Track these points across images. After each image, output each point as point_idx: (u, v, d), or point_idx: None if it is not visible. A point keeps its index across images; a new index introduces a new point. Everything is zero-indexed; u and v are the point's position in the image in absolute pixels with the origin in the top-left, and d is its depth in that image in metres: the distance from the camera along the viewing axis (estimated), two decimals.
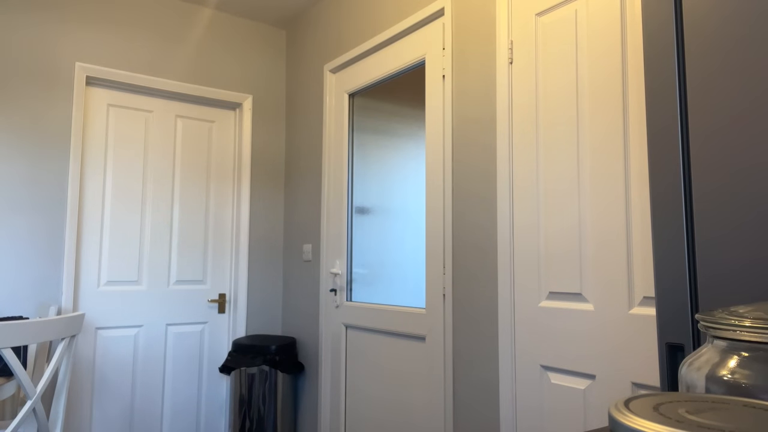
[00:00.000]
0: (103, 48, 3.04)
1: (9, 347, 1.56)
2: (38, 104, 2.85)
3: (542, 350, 1.79)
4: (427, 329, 2.28)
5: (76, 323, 1.80)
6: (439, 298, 2.22)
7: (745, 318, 0.42)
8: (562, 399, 1.73)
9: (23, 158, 2.80)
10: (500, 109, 1.98)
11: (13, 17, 2.81)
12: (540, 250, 1.82)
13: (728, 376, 0.41)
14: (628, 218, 1.57)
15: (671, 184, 0.92)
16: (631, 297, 1.55)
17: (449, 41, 2.26)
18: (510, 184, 1.93)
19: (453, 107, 2.22)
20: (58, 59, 2.91)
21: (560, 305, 1.75)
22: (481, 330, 2.02)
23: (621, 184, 1.59)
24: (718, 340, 0.44)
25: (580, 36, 1.74)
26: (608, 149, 1.64)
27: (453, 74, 2.23)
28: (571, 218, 1.73)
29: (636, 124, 1.57)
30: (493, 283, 1.98)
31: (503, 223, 1.94)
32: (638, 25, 1.58)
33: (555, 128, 1.80)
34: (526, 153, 1.89)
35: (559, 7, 1.82)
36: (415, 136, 3.32)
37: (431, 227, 2.29)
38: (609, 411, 0.31)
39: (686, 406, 0.31)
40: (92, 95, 3.03)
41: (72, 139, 2.91)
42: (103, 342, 2.94)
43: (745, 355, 0.42)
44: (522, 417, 1.85)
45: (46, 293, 2.80)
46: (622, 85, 1.61)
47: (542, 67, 1.86)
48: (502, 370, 1.91)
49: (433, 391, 2.22)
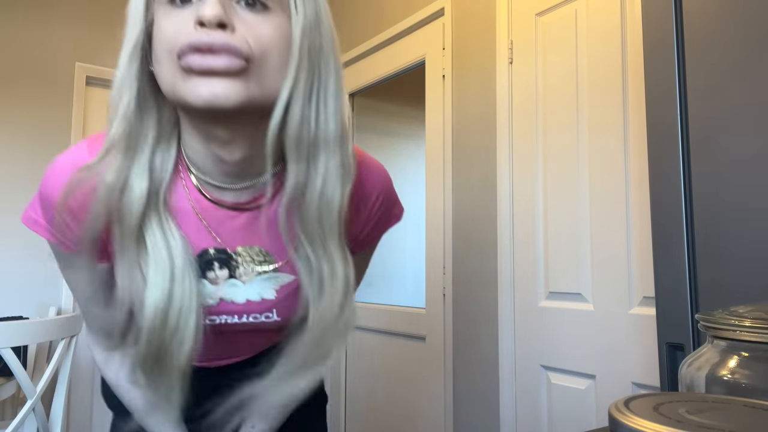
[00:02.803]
0: (103, 48, 3.04)
1: (9, 347, 1.56)
2: (38, 104, 2.85)
3: (542, 350, 1.79)
4: (427, 329, 2.28)
5: (76, 323, 1.80)
6: (439, 298, 2.22)
7: (745, 318, 0.42)
8: (562, 399, 1.72)
9: (23, 158, 2.80)
10: (500, 109, 1.98)
11: (14, 17, 2.81)
12: (540, 250, 1.82)
13: (728, 376, 0.41)
14: (628, 218, 1.57)
15: (671, 184, 0.92)
16: (631, 297, 1.55)
17: (449, 41, 2.26)
18: (510, 184, 1.93)
19: (453, 107, 2.22)
20: (58, 59, 2.91)
21: (560, 305, 1.75)
22: (481, 330, 2.02)
23: (621, 183, 1.59)
24: (718, 340, 0.44)
25: (580, 36, 1.74)
26: (608, 149, 1.64)
27: (453, 74, 2.23)
28: (571, 218, 1.73)
29: (636, 124, 1.57)
30: (493, 283, 1.98)
31: (503, 222, 1.94)
32: (638, 25, 1.58)
33: (555, 128, 1.80)
34: (527, 153, 1.89)
35: (559, 7, 1.82)
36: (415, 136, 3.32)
37: (431, 227, 2.29)
38: (609, 411, 0.31)
39: (686, 406, 0.31)
40: (92, 95, 3.03)
41: (72, 139, 2.91)
42: None
43: (745, 355, 0.42)
44: (522, 417, 1.85)
45: (46, 293, 2.80)
46: (622, 85, 1.61)
47: (542, 67, 1.86)
48: (502, 370, 1.91)
49: (433, 391, 2.22)
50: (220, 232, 0.70)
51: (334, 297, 0.68)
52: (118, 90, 0.61)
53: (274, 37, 0.59)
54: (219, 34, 0.56)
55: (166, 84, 0.59)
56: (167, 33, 0.58)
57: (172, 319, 0.64)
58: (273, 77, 0.60)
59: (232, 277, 0.72)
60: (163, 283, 0.64)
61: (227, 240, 0.71)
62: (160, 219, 0.65)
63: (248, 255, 0.72)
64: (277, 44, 0.59)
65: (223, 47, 0.56)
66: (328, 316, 0.68)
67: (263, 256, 0.73)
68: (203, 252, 0.70)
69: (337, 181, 0.65)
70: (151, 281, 0.64)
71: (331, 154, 0.64)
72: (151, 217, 0.64)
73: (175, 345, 0.65)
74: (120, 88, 0.61)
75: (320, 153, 0.63)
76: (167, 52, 0.58)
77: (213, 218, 0.70)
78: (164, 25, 0.58)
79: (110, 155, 0.62)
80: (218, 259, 0.71)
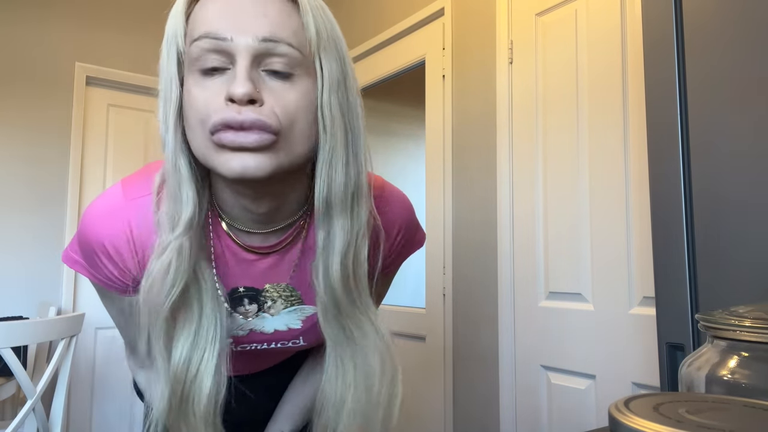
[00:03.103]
0: (103, 48, 3.04)
1: (9, 347, 1.56)
2: (38, 104, 2.85)
3: (542, 350, 1.79)
4: (427, 329, 2.28)
5: (76, 323, 1.80)
6: (439, 298, 2.22)
7: (745, 318, 0.42)
8: (562, 399, 1.72)
9: (23, 158, 2.80)
10: (500, 109, 1.98)
11: (13, 17, 2.81)
12: (540, 250, 1.82)
13: (728, 376, 0.41)
14: (628, 218, 1.57)
15: (671, 184, 0.92)
16: (631, 297, 1.55)
17: (449, 41, 2.25)
18: (510, 184, 1.93)
19: (453, 107, 2.22)
20: (58, 59, 2.91)
21: (560, 305, 1.75)
22: (481, 330, 2.02)
23: (621, 183, 1.59)
24: (718, 340, 0.44)
25: (580, 36, 1.74)
26: (608, 149, 1.64)
27: (453, 74, 2.23)
28: (571, 218, 1.73)
29: (636, 124, 1.57)
30: (493, 283, 1.98)
31: (503, 222, 1.94)
32: (638, 25, 1.58)
33: (555, 128, 1.80)
34: (526, 153, 1.89)
35: (559, 7, 1.82)
36: (415, 136, 3.32)
37: (431, 227, 2.29)
38: (609, 411, 0.31)
39: (686, 406, 0.31)
40: (92, 95, 3.03)
41: (72, 139, 2.91)
42: (103, 342, 2.94)
43: (745, 355, 0.42)
44: (522, 417, 1.85)
45: (46, 293, 2.80)
46: (622, 85, 1.61)
47: (542, 67, 1.86)
48: (502, 370, 1.91)
49: (433, 391, 2.22)
50: (249, 272, 0.73)
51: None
52: (172, 162, 0.62)
53: (300, 105, 0.60)
54: (249, 110, 0.57)
55: (197, 149, 0.61)
56: (198, 103, 0.59)
57: (191, 374, 0.67)
58: (301, 142, 0.62)
59: (260, 310, 0.76)
60: (186, 341, 0.67)
61: (256, 279, 0.74)
62: (192, 263, 0.66)
63: (275, 291, 0.76)
64: (304, 111, 0.61)
65: (253, 124, 0.57)
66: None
67: (290, 291, 0.76)
68: (233, 290, 0.74)
69: (364, 239, 0.68)
70: (176, 337, 0.67)
71: (360, 209, 0.67)
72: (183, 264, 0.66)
73: (195, 399, 0.67)
74: (174, 160, 0.63)
75: (349, 207, 0.66)
76: (199, 122, 0.59)
77: (243, 260, 0.72)
78: (195, 93, 0.60)
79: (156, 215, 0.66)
80: (247, 295, 0.75)
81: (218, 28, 0.59)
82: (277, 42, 0.59)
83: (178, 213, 0.63)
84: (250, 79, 0.58)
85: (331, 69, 0.62)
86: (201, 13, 0.60)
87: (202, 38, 0.59)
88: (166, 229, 0.64)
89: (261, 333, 0.77)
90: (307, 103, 0.61)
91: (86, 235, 0.70)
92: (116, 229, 0.68)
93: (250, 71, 0.58)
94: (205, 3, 0.61)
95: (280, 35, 0.59)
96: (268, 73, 0.60)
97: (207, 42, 0.59)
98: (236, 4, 0.59)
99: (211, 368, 0.67)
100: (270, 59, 0.59)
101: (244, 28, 0.58)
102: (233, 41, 0.58)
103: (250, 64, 0.58)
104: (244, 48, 0.58)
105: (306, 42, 0.61)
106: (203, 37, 0.59)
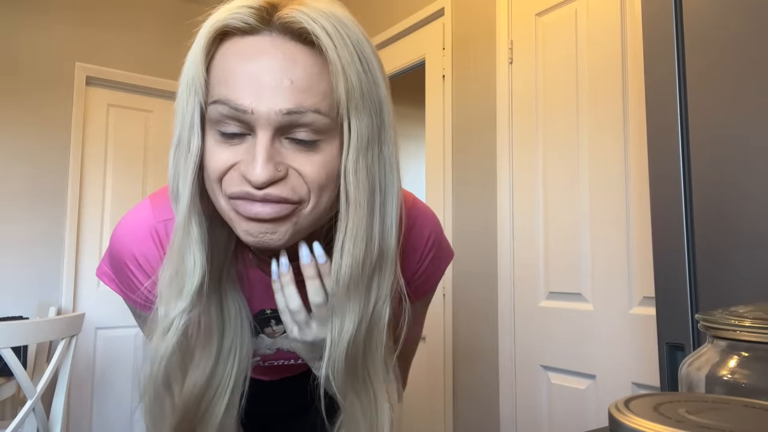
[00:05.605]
0: (103, 48, 3.04)
1: (9, 347, 1.56)
2: (38, 104, 2.85)
3: (542, 350, 1.79)
4: (427, 329, 2.28)
5: (76, 323, 1.80)
6: (439, 298, 2.22)
7: (745, 318, 0.42)
8: (562, 399, 1.72)
9: (23, 158, 2.80)
10: (500, 109, 1.98)
11: (14, 17, 2.81)
12: (540, 250, 1.82)
13: (728, 376, 0.41)
14: (628, 218, 1.57)
15: (671, 184, 0.92)
16: (631, 297, 1.55)
17: (449, 41, 2.25)
18: (510, 184, 1.93)
19: (453, 107, 2.22)
20: (58, 59, 2.91)
21: (560, 305, 1.75)
22: (481, 330, 2.02)
23: (621, 183, 1.59)
24: (718, 340, 0.44)
25: (580, 36, 1.74)
26: (608, 149, 1.64)
27: (453, 74, 2.23)
28: (571, 218, 1.73)
29: (636, 124, 1.57)
30: (493, 283, 1.98)
31: (503, 222, 1.94)
32: (638, 25, 1.58)
33: (555, 128, 1.80)
34: (526, 153, 1.89)
35: (559, 7, 1.82)
36: (415, 136, 3.31)
37: None
38: (609, 411, 0.31)
39: (686, 406, 0.31)
40: (92, 95, 3.03)
41: (72, 139, 2.91)
42: (103, 342, 2.94)
43: (745, 355, 0.42)
44: (522, 417, 1.85)
45: (46, 293, 2.80)
46: (622, 85, 1.61)
47: (542, 67, 1.86)
48: (502, 370, 1.91)
49: (433, 391, 2.22)
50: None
51: None
52: (184, 219, 0.58)
53: (322, 175, 0.56)
54: (269, 188, 0.54)
55: (216, 202, 0.58)
56: (217, 166, 0.56)
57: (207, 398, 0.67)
58: (324, 208, 0.58)
59: None
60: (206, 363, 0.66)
61: None
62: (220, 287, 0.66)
63: None
64: (326, 179, 0.56)
65: (272, 199, 0.55)
66: None
67: None
68: (260, 312, 0.74)
69: (385, 304, 0.63)
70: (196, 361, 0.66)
71: (383, 279, 0.62)
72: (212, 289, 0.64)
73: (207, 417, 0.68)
74: (187, 217, 0.58)
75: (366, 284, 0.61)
76: (216, 183, 0.57)
77: (268, 286, 0.70)
78: (215, 153, 0.56)
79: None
80: (274, 317, 0.75)
81: (238, 96, 0.53)
82: (303, 113, 0.53)
83: (182, 283, 0.59)
84: (271, 158, 0.53)
85: (361, 127, 0.56)
86: (221, 68, 0.55)
87: (221, 103, 0.54)
88: (168, 299, 0.60)
89: (288, 351, 0.78)
90: (330, 172, 0.56)
91: (117, 248, 0.70)
92: (146, 240, 0.68)
93: (271, 145, 0.54)
94: (228, 54, 0.55)
95: (306, 104, 0.54)
96: (291, 141, 0.55)
97: (226, 109, 0.54)
98: (261, 64, 0.54)
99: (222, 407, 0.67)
100: (294, 130, 0.54)
101: (266, 99, 0.53)
102: (254, 114, 0.53)
103: (271, 138, 0.54)
104: (265, 121, 0.53)
105: (335, 103, 0.55)
106: (222, 102, 0.54)
